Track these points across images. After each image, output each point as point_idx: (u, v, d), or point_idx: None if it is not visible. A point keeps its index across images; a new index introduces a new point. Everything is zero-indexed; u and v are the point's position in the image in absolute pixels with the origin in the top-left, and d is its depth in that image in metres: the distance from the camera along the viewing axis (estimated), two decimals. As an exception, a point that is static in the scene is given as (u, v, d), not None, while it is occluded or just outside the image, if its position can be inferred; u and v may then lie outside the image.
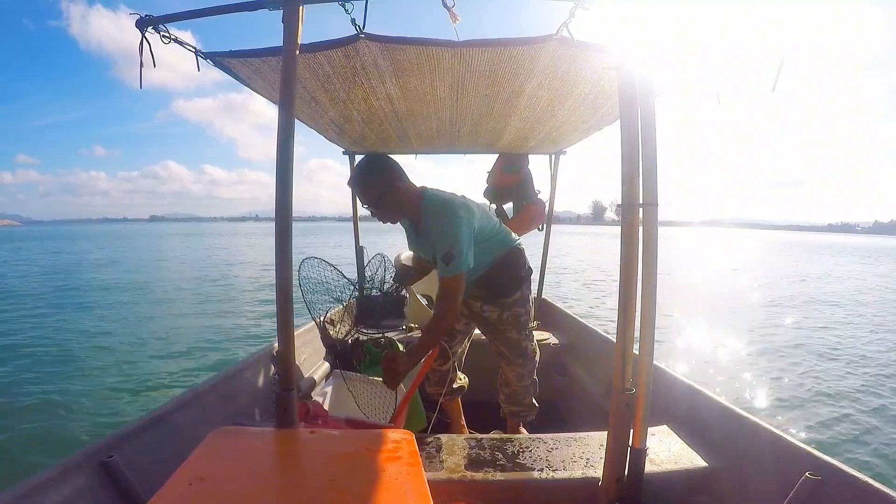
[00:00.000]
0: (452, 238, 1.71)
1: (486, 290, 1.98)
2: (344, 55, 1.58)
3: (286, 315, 1.13)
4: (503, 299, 1.99)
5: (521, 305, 2.00)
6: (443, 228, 1.73)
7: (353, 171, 1.81)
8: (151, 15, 1.35)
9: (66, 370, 5.58)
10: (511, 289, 1.99)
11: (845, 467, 1.12)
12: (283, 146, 1.12)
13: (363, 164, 1.79)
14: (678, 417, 1.67)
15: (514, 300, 1.99)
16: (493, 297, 1.99)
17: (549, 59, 1.58)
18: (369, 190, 1.76)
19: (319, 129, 2.60)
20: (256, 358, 2.18)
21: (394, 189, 1.76)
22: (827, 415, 4.40)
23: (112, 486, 1.20)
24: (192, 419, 1.58)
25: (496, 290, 1.98)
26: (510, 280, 1.99)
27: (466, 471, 1.37)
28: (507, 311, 1.99)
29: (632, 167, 1.15)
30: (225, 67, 1.68)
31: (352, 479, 0.83)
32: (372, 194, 1.76)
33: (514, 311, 2.00)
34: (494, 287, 1.97)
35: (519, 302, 2.00)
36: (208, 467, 0.87)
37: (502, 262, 1.96)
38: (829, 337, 7.68)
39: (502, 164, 3.41)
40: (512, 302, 1.99)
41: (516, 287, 1.99)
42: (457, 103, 2.08)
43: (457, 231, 1.72)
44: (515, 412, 2.15)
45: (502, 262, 1.96)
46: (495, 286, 1.97)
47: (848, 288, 15.07)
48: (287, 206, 1.12)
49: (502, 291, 1.98)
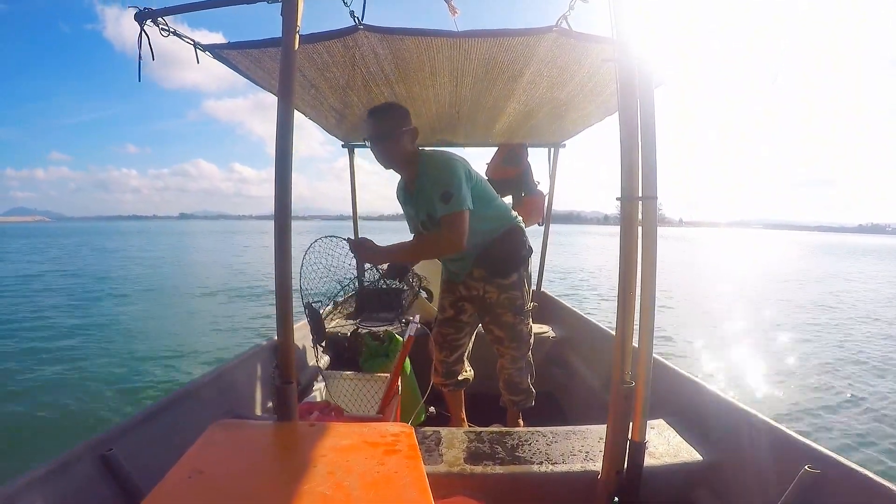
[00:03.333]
0: (448, 177, 1.74)
1: (486, 268, 1.98)
2: (343, 46, 1.58)
3: (285, 308, 1.13)
4: (501, 280, 1.99)
5: (517, 288, 2.01)
6: (439, 170, 1.77)
7: (374, 107, 1.84)
8: (150, 7, 1.34)
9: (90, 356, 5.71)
10: (510, 269, 1.99)
11: (845, 461, 1.13)
12: (283, 136, 1.11)
13: (385, 105, 1.85)
14: (677, 410, 1.67)
15: (511, 282, 1.99)
16: (492, 275, 1.99)
17: (548, 49, 1.58)
18: (384, 122, 1.79)
19: (319, 119, 2.60)
20: (256, 351, 2.18)
21: (405, 133, 1.81)
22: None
23: (111, 479, 1.21)
24: (192, 412, 1.58)
25: (496, 267, 1.98)
26: (511, 258, 1.99)
27: (466, 464, 1.38)
28: (503, 294, 1.99)
29: (631, 160, 1.14)
30: (224, 59, 1.67)
31: (351, 473, 0.83)
32: (384, 127, 1.78)
33: (511, 294, 2.00)
34: (494, 264, 1.97)
35: (516, 284, 2.00)
36: (208, 460, 0.87)
37: (504, 237, 1.97)
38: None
39: (501, 157, 3.40)
40: (509, 284, 1.99)
41: (514, 268, 1.99)
42: (456, 91, 2.09)
43: (452, 172, 1.75)
44: (514, 401, 2.16)
45: (504, 238, 1.97)
46: (496, 262, 1.97)
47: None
48: (286, 198, 1.12)
49: (502, 269, 1.98)
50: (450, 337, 2.12)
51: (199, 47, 1.55)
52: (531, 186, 3.46)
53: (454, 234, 1.73)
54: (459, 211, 1.72)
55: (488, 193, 1.94)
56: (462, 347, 2.16)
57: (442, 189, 1.72)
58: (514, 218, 2.04)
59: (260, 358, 2.17)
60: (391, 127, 1.78)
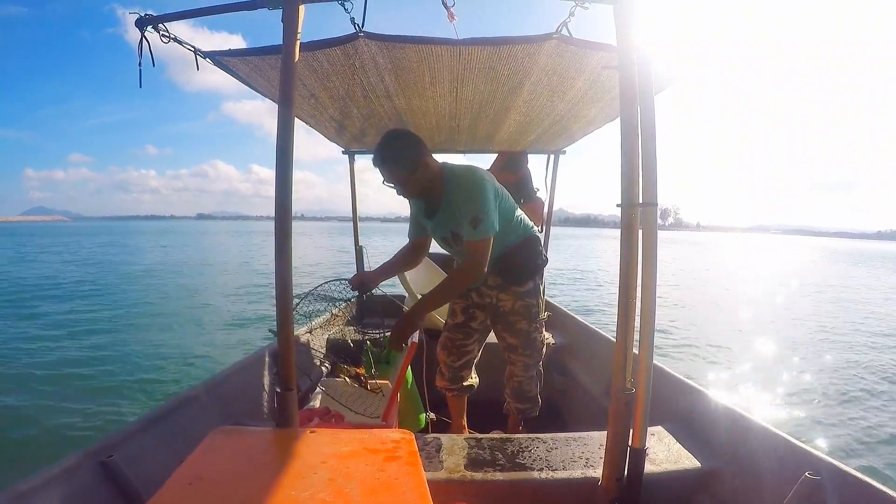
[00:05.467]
0: (479, 201, 1.71)
1: (502, 275, 1.98)
2: (343, 54, 1.58)
3: (286, 314, 1.13)
4: (516, 287, 1.99)
5: (532, 296, 2.01)
6: (469, 193, 1.73)
7: (381, 147, 1.75)
8: (151, 14, 1.34)
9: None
10: (525, 276, 1.99)
11: (845, 467, 1.12)
12: (283, 144, 1.12)
13: (393, 141, 1.76)
14: (678, 417, 1.67)
15: (527, 290, 2.00)
16: (508, 283, 1.99)
17: (549, 57, 1.58)
18: (400, 167, 1.73)
19: (319, 127, 2.60)
20: (256, 357, 2.18)
21: (423, 164, 1.75)
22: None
23: (112, 485, 1.20)
24: (192, 418, 1.58)
25: (512, 275, 1.98)
26: (526, 266, 1.99)
27: (466, 471, 1.37)
28: (518, 301, 2.00)
29: (632, 166, 1.14)
30: (224, 66, 1.68)
31: (351, 479, 0.83)
32: (402, 172, 1.74)
33: (526, 302, 2.00)
34: (511, 272, 1.98)
35: (531, 292, 2.01)
36: (208, 467, 0.87)
37: (521, 246, 1.97)
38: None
39: (501, 163, 3.41)
40: (524, 292, 2.00)
41: (530, 276, 2.00)
42: (456, 100, 2.09)
43: (482, 194, 1.72)
44: (520, 409, 2.15)
45: (521, 247, 1.97)
46: (512, 271, 1.97)
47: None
48: (287, 205, 1.12)
49: (517, 278, 1.99)
50: (458, 342, 2.12)
51: (199, 54, 1.56)
52: (530, 193, 3.48)
53: (480, 261, 1.73)
54: (487, 238, 1.72)
55: (510, 207, 1.94)
56: (470, 353, 2.15)
57: (472, 214, 1.70)
58: (532, 228, 2.04)
59: (260, 364, 2.16)
60: (410, 163, 1.73)
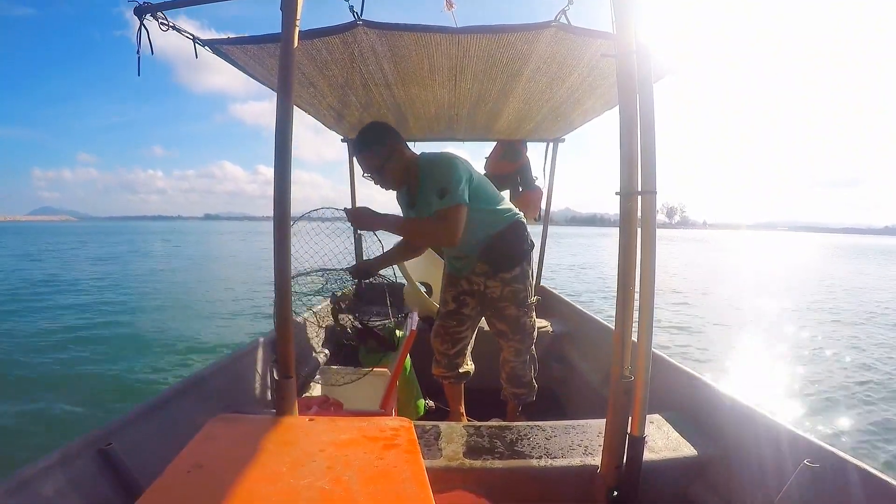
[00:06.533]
0: (447, 175, 1.76)
1: (489, 262, 2.00)
2: (342, 42, 1.57)
3: (285, 302, 1.13)
4: (504, 274, 2.01)
5: (520, 281, 2.03)
6: (439, 170, 1.79)
7: (357, 137, 1.83)
8: (150, 2, 1.33)
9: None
10: (513, 262, 2.01)
11: (844, 455, 1.13)
12: (282, 132, 1.10)
13: (367, 131, 1.82)
14: (677, 405, 1.67)
15: (514, 276, 2.02)
16: (496, 270, 2.01)
17: (548, 45, 1.57)
18: (374, 156, 1.79)
19: (318, 115, 2.59)
20: (255, 345, 2.18)
21: (398, 153, 1.81)
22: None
23: (110, 473, 1.21)
24: (191, 406, 1.58)
25: (499, 261, 2.00)
26: (513, 252, 2.01)
27: (465, 458, 1.38)
28: (507, 287, 2.02)
29: (630, 155, 1.14)
30: (223, 54, 1.66)
31: (350, 467, 0.83)
32: (377, 160, 1.79)
33: (514, 287, 2.02)
34: (497, 258, 2.00)
35: (518, 278, 2.03)
36: (207, 455, 0.87)
37: (506, 232, 1.99)
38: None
39: (500, 152, 3.41)
40: (512, 278, 2.02)
41: (517, 261, 2.02)
42: (455, 88, 2.08)
43: (450, 169, 1.77)
44: (516, 394, 2.18)
45: (506, 233, 1.99)
46: (498, 257, 2.00)
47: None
48: (286, 194, 1.11)
49: (505, 264, 2.01)
50: (452, 329, 2.14)
51: (198, 42, 1.54)
52: (529, 181, 3.48)
53: (450, 227, 1.74)
54: (455, 205, 1.74)
55: (491, 191, 1.98)
56: (464, 340, 2.18)
57: (440, 186, 1.75)
58: (516, 214, 2.06)
59: (259, 352, 2.17)
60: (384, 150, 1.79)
